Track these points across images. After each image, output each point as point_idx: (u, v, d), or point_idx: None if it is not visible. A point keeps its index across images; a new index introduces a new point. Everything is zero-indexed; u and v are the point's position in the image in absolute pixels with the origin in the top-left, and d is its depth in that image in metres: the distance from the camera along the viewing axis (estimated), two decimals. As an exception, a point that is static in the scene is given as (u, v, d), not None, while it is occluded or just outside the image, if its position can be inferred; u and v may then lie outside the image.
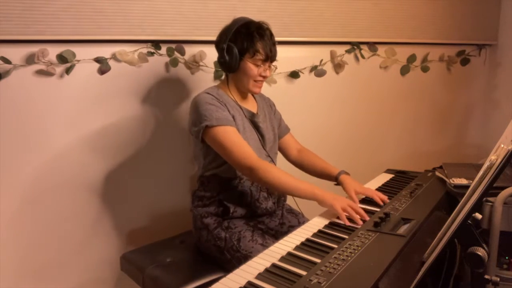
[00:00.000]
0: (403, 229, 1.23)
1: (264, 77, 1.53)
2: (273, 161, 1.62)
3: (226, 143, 1.41)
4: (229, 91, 1.56)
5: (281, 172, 1.40)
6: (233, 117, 1.49)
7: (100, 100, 1.78)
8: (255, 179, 1.42)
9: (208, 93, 1.49)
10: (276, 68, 1.60)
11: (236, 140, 1.42)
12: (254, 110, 1.62)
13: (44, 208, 1.75)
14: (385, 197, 1.48)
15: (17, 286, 1.75)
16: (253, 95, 1.67)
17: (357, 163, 2.39)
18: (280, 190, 1.50)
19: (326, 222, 1.31)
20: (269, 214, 1.60)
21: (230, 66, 1.49)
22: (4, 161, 1.65)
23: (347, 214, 1.31)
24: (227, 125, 1.43)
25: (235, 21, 1.51)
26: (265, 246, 1.33)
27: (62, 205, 1.78)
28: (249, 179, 1.51)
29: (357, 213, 1.31)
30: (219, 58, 1.51)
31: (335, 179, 1.62)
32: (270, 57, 1.51)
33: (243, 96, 1.61)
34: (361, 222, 1.28)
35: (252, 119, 1.58)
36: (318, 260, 1.05)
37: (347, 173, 1.62)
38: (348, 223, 1.28)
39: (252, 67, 1.49)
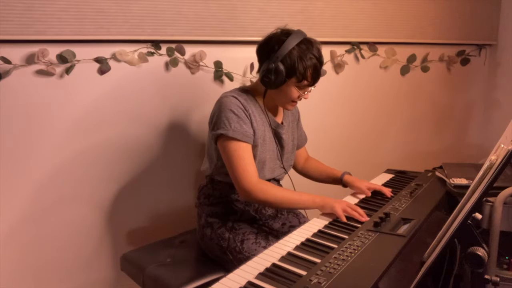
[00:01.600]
0: (403, 229, 1.23)
1: (301, 99, 1.48)
2: (286, 172, 1.61)
3: (233, 158, 1.38)
4: (261, 99, 1.50)
5: (277, 189, 1.41)
6: (255, 129, 1.44)
7: (100, 100, 1.78)
8: (251, 201, 1.45)
9: (236, 98, 1.43)
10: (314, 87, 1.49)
11: (243, 158, 1.39)
12: (280, 119, 1.58)
13: (43, 208, 1.75)
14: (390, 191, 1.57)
15: (17, 286, 1.75)
16: None
17: (357, 163, 2.39)
18: (280, 207, 1.52)
19: (326, 222, 1.32)
20: (272, 218, 1.60)
21: (272, 85, 1.41)
22: (3, 161, 1.65)
23: (347, 215, 1.34)
24: (241, 141, 1.39)
25: (290, 39, 1.38)
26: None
27: (62, 205, 1.78)
28: (245, 200, 1.48)
29: (357, 212, 1.34)
30: (263, 75, 1.40)
31: (340, 181, 1.65)
32: (316, 82, 1.45)
33: (274, 105, 1.55)
34: (362, 218, 1.31)
35: (277, 129, 1.54)
36: (318, 260, 1.05)
37: (349, 173, 1.67)
38: (345, 220, 1.32)
39: (294, 91, 1.43)
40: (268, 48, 1.41)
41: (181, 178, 2.00)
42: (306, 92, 1.46)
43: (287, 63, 1.38)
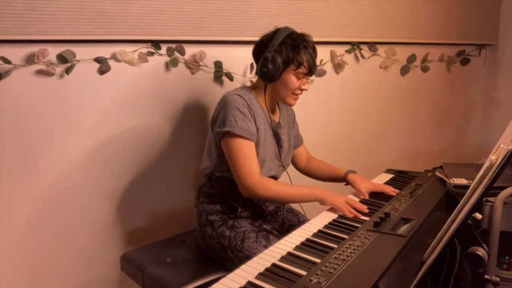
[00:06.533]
0: (403, 229, 1.23)
1: (302, 90, 1.51)
2: (285, 169, 1.64)
3: (237, 156, 1.41)
4: (263, 98, 1.53)
5: (278, 185, 1.44)
6: (258, 128, 1.47)
7: (100, 100, 1.78)
8: (253, 197, 1.47)
9: (241, 96, 1.45)
10: (312, 81, 1.54)
11: (247, 156, 1.41)
12: (277, 119, 1.62)
13: (43, 209, 1.75)
14: (393, 190, 1.57)
15: (17, 286, 1.75)
16: (277, 104, 1.64)
17: (357, 163, 2.39)
18: (282, 202, 1.55)
19: (326, 222, 1.32)
20: (272, 216, 1.61)
21: (272, 76, 1.45)
22: (3, 161, 1.65)
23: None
24: (247, 139, 1.42)
25: (281, 31, 1.46)
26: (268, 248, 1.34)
27: (61, 205, 1.78)
28: (247, 197, 1.48)
29: (356, 208, 1.38)
30: (260, 67, 1.45)
31: (344, 179, 1.66)
32: (313, 71, 1.50)
33: (273, 105, 1.59)
34: (359, 215, 1.35)
35: (276, 129, 1.57)
36: (318, 260, 1.05)
37: (354, 172, 1.67)
38: (351, 215, 1.36)
39: (293, 80, 1.47)
40: (262, 45, 1.49)
41: (181, 178, 2.00)
42: (305, 83, 1.50)
43: (282, 51, 1.44)
